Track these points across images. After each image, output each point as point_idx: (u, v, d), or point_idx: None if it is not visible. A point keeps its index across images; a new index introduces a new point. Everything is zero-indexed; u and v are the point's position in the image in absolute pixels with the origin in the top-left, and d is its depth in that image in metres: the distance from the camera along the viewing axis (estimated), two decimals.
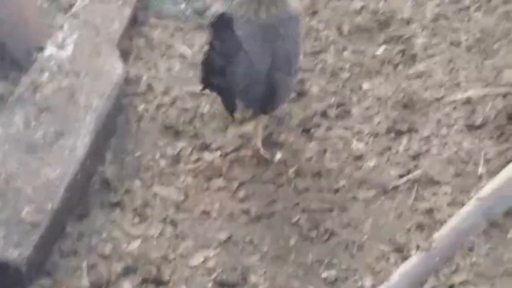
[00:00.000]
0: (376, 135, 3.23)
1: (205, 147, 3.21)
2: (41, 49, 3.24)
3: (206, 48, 2.89)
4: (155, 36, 3.62)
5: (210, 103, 3.35)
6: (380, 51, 3.62)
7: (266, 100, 2.97)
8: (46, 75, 3.10)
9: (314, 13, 3.77)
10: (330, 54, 3.59)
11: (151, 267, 2.75)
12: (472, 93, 3.34)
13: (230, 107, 2.96)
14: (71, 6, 3.62)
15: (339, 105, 3.36)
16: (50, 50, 3.21)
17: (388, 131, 3.24)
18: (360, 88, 3.44)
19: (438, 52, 3.57)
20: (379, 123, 3.28)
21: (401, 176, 3.05)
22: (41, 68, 3.12)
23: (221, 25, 2.77)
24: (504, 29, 3.63)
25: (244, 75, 2.87)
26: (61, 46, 3.23)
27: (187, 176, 3.11)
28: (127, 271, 2.74)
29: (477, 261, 2.71)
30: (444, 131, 3.22)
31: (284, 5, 3.01)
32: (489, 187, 2.85)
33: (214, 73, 2.83)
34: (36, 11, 3.51)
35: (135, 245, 2.83)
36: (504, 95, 3.29)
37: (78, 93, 3.07)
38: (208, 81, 2.87)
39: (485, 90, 3.35)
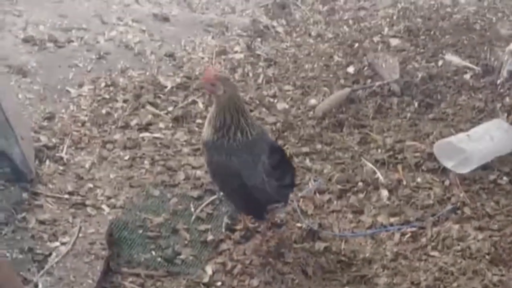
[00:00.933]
0: None
1: None
2: None
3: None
4: (127, 284, 3.72)
5: None
6: None
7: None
8: None
9: (280, 255, 3.90)
10: None
11: None
12: None
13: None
14: (45, 257, 3.74)
15: None
16: None
17: None
18: None
19: None
20: None
21: None
22: None
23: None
24: (461, 268, 3.80)
25: None
26: None
27: None
28: None
29: None
30: None
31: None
32: None
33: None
34: (11, 266, 3.60)
35: None
36: None
37: None
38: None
39: None
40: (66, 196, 4.17)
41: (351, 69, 5.53)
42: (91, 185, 4.27)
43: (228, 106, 3.71)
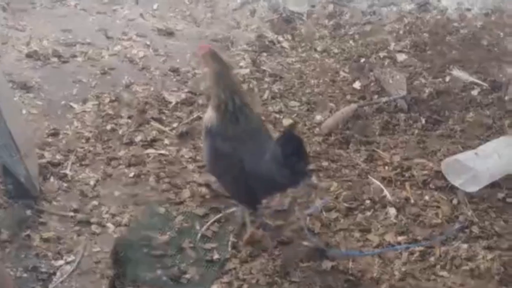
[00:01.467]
0: None
1: None
2: None
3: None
4: None
5: None
6: None
7: None
8: None
9: (287, 274, 3.85)
10: None
11: None
12: None
13: None
14: (50, 276, 3.70)
15: None
16: None
17: None
18: None
19: None
20: None
21: None
22: None
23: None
24: None
25: None
26: None
27: None
28: None
29: None
30: None
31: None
32: None
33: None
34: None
35: None
36: None
37: None
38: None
39: None
40: (71, 213, 4.13)
41: (357, 85, 5.50)
42: (95, 203, 4.23)
43: (219, 82, 3.78)
